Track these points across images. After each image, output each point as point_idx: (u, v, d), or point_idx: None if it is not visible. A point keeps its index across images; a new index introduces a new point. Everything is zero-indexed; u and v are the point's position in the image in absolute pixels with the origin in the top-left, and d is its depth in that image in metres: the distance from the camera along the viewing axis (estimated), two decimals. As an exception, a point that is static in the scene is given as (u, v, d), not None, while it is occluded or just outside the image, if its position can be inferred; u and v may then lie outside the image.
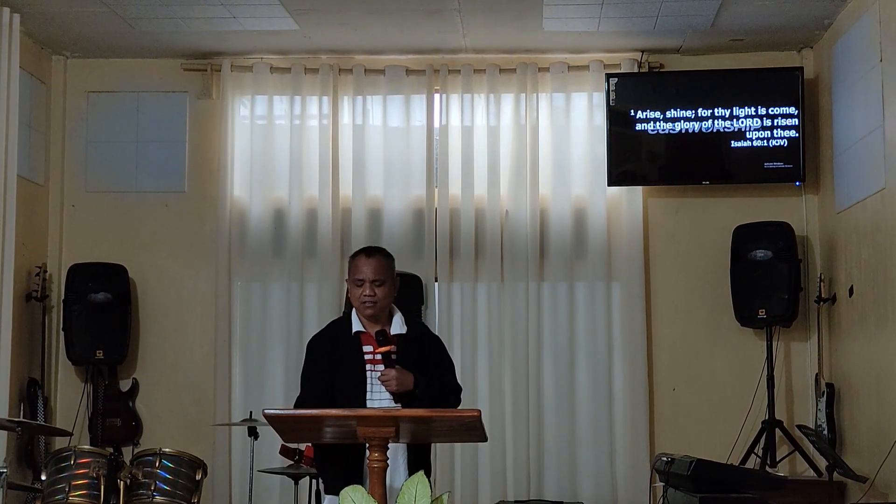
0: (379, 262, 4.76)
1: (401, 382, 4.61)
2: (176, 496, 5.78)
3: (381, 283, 4.72)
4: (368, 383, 4.67)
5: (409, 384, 4.62)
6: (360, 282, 4.72)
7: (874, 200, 6.49)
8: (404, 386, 4.61)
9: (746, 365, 7.58)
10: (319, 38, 7.61)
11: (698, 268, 7.80)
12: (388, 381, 4.61)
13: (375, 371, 4.67)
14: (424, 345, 4.83)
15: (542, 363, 7.66)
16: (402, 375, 4.62)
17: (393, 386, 4.60)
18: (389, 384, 4.61)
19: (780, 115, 7.57)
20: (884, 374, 6.38)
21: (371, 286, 4.71)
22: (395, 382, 4.60)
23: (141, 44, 7.72)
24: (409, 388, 4.62)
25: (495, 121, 7.84)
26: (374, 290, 4.71)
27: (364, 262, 4.75)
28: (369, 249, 4.86)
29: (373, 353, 4.70)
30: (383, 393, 4.65)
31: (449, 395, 4.78)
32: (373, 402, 4.65)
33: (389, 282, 4.76)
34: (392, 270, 4.81)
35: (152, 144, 8.05)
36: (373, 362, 4.70)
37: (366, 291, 4.71)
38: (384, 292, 4.73)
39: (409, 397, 4.61)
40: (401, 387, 4.61)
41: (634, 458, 7.54)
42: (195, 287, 7.95)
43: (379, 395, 4.65)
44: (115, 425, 7.67)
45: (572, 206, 7.78)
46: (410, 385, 4.63)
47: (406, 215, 7.81)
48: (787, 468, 7.43)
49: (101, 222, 8.00)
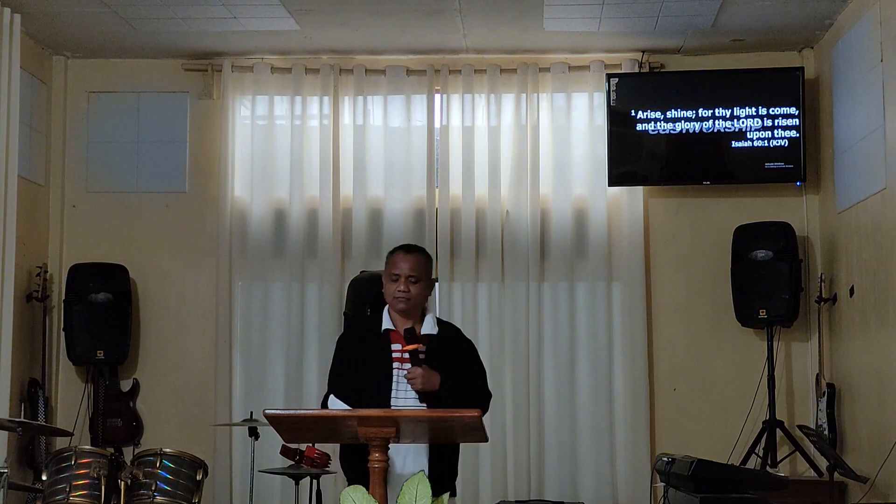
0: (417, 259, 4.78)
1: (426, 381, 4.58)
2: (177, 496, 5.78)
3: (417, 280, 4.73)
4: (394, 381, 4.65)
5: (434, 384, 4.59)
6: (396, 276, 4.73)
7: (875, 200, 6.49)
8: (430, 385, 4.58)
9: (747, 365, 7.58)
10: (320, 38, 7.61)
11: (699, 268, 7.80)
12: (414, 379, 4.58)
13: (402, 369, 4.65)
14: (455, 347, 4.81)
15: (542, 363, 7.66)
16: (428, 374, 4.59)
17: (418, 384, 4.58)
18: (414, 382, 4.58)
19: (781, 116, 7.57)
20: (884, 374, 6.38)
21: (406, 282, 4.71)
22: (420, 381, 4.57)
23: (142, 44, 7.73)
24: (435, 387, 4.59)
25: (496, 121, 7.84)
26: (409, 286, 4.71)
27: (402, 257, 4.77)
28: (409, 246, 4.88)
29: (401, 352, 4.68)
30: (409, 392, 4.62)
31: (476, 399, 4.71)
32: (398, 400, 4.63)
33: (425, 280, 4.78)
34: (429, 270, 4.83)
35: (153, 145, 8.06)
36: (400, 360, 4.68)
37: (400, 286, 4.71)
38: (418, 290, 4.74)
39: (434, 397, 4.58)
40: (426, 386, 4.58)
41: (635, 458, 7.54)
42: (196, 287, 7.95)
43: (404, 394, 4.63)
44: (116, 425, 7.67)
45: (573, 206, 7.78)
46: (436, 385, 4.59)
47: (407, 215, 7.81)
48: (787, 468, 7.43)
49: (101, 222, 8.00)
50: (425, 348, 4.67)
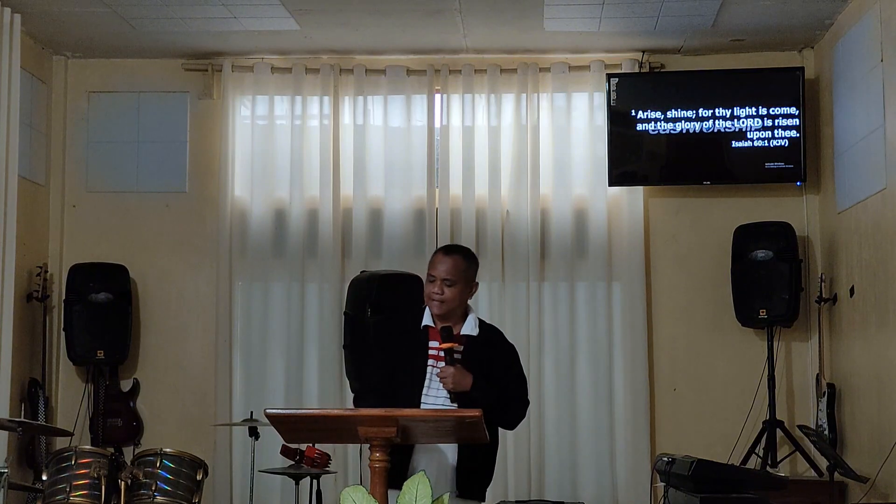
0: (455, 261, 4.69)
1: (457, 382, 4.53)
2: (177, 496, 5.77)
3: (452, 283, 4.64)
4: (428, 378, 4.62)
5: (465, 385, 4.54)
6: (433, 278, 4.67)
7: (875, 200, 6.49)
8: (460, 386, 4.54)
9: (747, 365, 7.58)
10: (320, 38, 7.61)
11: (699, 268, 7.80)
12: (445, 377, 4.54)
13: (437, 367, 4.61)
14: (495, 351, 4.75)
15: (542, 363, 7.66)
16: (460, 374, 4.54)
17: (449, 384, 4.53)
18: (446, 381, 4.54)
19: (781, 116, 7.57)
20: (884, 375, 6.38)
21: (441, 284, 4.64)
22: (452, 380, 4.53)
23: (142, 44, 7.73)
24: (466, 388, 4.54)
25: (496, 121, 7.84)
26: (444, 288, 4.64)
27: (440, 259, 4.71)
28: (449, 248, 4.84)
29: (437, 349, 4.64)
30: (440, 390, 4.58)
31: (511, 404, 4.69)
32: (428, 397, 4.60)
33: (462, 283, 4.68)
34: (468, 273, 4.73)
35: (153, 144, 8.05)
36: (436, 358, 4.64)
37: (435, 289, 4.65)
38: (453, 293, 4.65)
39: (466, 399, 4.52)
40: (457, 386, 4.53)
41: (635, 458, 7.54)
42: (196, 287, 7.95)
43: (436, 392, 4.60)
44: (116, 425, 7.67)
45: (573, 206, 7.78)
46: (467, 386, 4.54)
47: (407, 215, 7.81)
48: (787, 468, 7.43)
49: (102, 222, 8.00)
50: (462, 349, 4.63)
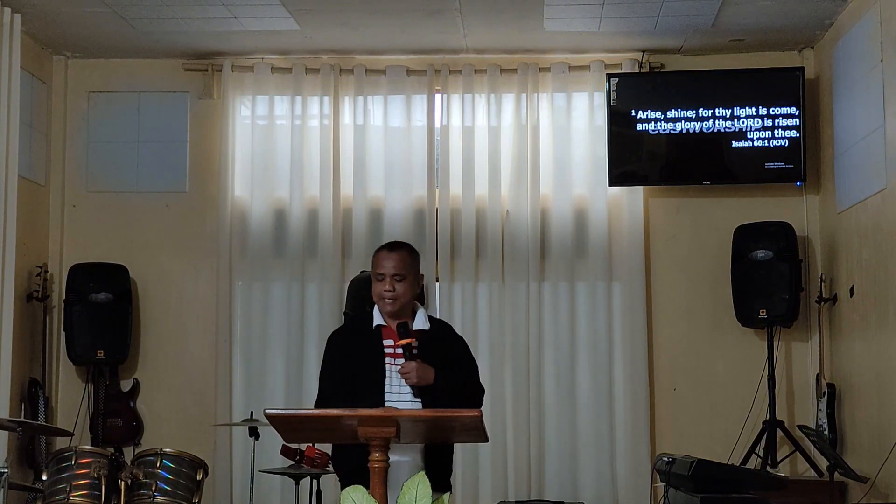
0: (401, 256, 4.71)
1: (421, 376, 4.55)
2: (177, 496, 5.78)
3: (402, 278, 4.67)
4: (387, 377, 4.62)
5: (429, 378, 4.57)
6: (381, 276, 4.68)
7: (875, 200, 6.49)
8: (424, 380, 4.56)
9: (747, 365, 7.58)
10: (320, 38, 7.61)
11: (699, 268, 7.80)
12: (408, 373, 4.56)
13: (395, 365, 4.62)
14: (448, 343, 4.78)
15: (542, 363, 7.66)
16: (423, 369, 4.56)
17: (413, 379, 4.55)
18: (409, 377, 4.56)
19: (781, 116, 7.57)
20: (884, 374, 6.38)
21: (391, 281, 4.66)
22: (415, 375, 4.54)
23: (142, 44, 7.73)
24: (430, 381, 4.56)
25: (496, 121, 7.84)
26: (394, 284, 4.66)
27: (385, 256, 4.71)
28: (392, 244, 4.82)
29: (393, 347, 4.65)
30: (403, 387, 4.59)
31: (471, 394, 4.72)
32: (392, 395, 4.60)
33: (411, 277, 4.71)
34: (415, 266, 4.77)
35: (153, 144, 8.06)
36: (393, 356, 4.65)
37: (385, 286, 4.66)
38: (404, 288, 4.68)
39: (429, 392, 4.55)
40: (421, 380, 4.55)
41: (635, 458, 7.54)
42: (196, 287, 7.95)
43: (398, 390, 4.60)
44: (116, 425, 7.67)
45: (573, 206, 7.78)
46: (431, 379, 4.57)
47: (407, 215, 7.81)
48: (787, 468, 7.43)
49: (102, 222, 8.00)
50: (417, 343, 4.64)
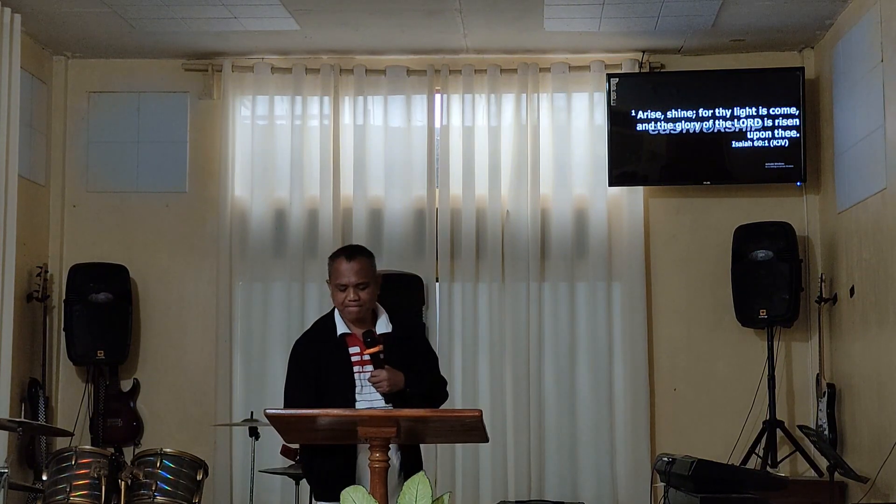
0: (361, 263, 4.62)
1: (392, 383, 4.53)
2: (177, 496, 5.78)
3: (365, 285, 4.60)
4: (357, 385, 4.60)
5: (400, 384, 4.55)
6: (344, 286, 4.59)
7: (875, 200, 6.49)
8: (396, 386, 4.54)
9: (747, 365, 7.58)
10: (320, 38, 7.61)
11: (699, 268, 7.80)
12: (380, 382, 4.53)
13: (364, 373, 4.59)
14: (411, 341, 4.76)
15: (542, 363, 7.66)
16: (393, 375, 4.55)
17: (385, 387, 4.53)
18: (381, 385, 4.53)
19: (781, 116, 7.57)
20: (885, 375, 6.38)
21: (355, 290, 4.59)
22: (387, 383, 4.53)
23: (142, 44, 7.73)
24: (401, 387, 4.55)
25: (496, 121, 7.84)
26: (358, 293, 4.59)
27: (346, 265, 4.61)
28: (349, 251, 4.70)
29: (360, 355, 4.62)
30: (373, 394, 4.57)
31: (437, 389, 4.73)
32: (362, 403, 4.57)
33: (373, 282, 4.64)
34: (374, 269, 4.70)
35: (153, 144, 8.06)
36: (361, 363, 4.61)
37: (350, 296, 4.58)
38: (368, 294, 4.62)
39: (400, 396, 4.55)
40: (393, 387, 4.54)
41: (635, 458, 7.54)
42: (196, 287, 7.95)
43: (369, 397, 4.58)
44: (116, 425, 7.68)
45: (573, 206, 7.78)
46: (402, 384, 4.55)
47: (407, 215, 7.81)
48: (788, 468, 7.43)
49: (102, 222, 8.01)
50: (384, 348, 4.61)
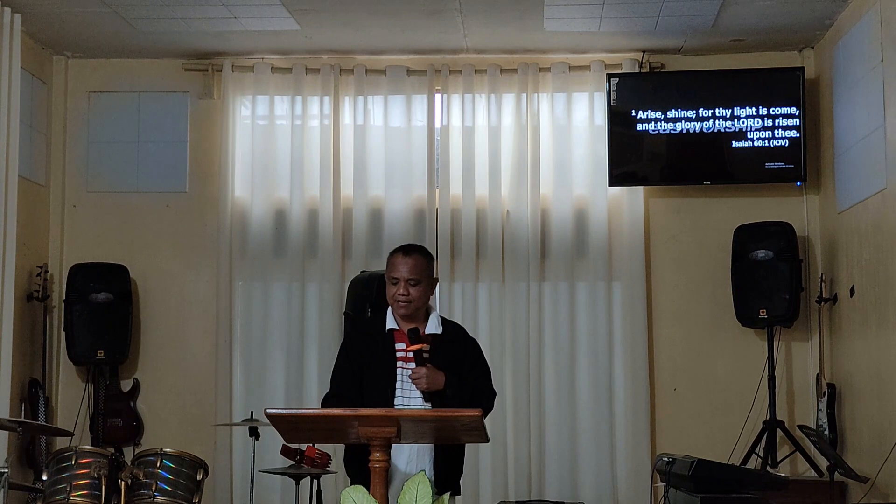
0: (416, 260, 4.73)
1: (431, 381, 4.57)
2: (177, 496, 5.77)
3: (417, 282, 4.70)
4: (398, 381, 4.65)
5: (439, 383, 4.59)
6: (396, 280, 4.70)
7: (875, 200, 6.50)
8: (434, 385, 4.58)
9: (747, 365, 7.59)
10: (320, 38, 7.61)
11: (699, 268, 7.80)
12: (419, 379, 4.58)
13: (406, 369, 4.64)
14: (459, 347, 4.80)
15: (543, 363, 7.66)
16: (433, 374, 4.59)
17: (423, 384, 4.57)
18: (419, 382, 4.58)
19: (782, 116, 7.57)
20: (885, 375, 6.38)
21: (406, 285, 4.68)
22: (426, 381, 4.57)
23: (142, 44, 7.73)
24: (440, 387, 4.59)
25: (496, 121, 7.85)
26: (409, 289, 4.68)
27: (401, 260, 4.73)
28: (407, 248, 4.83)
29: (405, 351, 4.67)
30: (413, 391, 4.62)
31: (482, 398, 4.72)
32: (402, 399, 4.62)
33: (426, 281, 4.74)
34: (430, 270, 4.79)
35: (153, 145, 8.06)
36: (404, 360, 4.67)
37: (400, 290, 4.69)
38: (419, 292, 4.71)
39: (439, 397, 4.58)
40: (431, 385, 4.57)
41: (635, 458, 7.54)
42: (196, 287, 7.95)
43: (408, 394, 4.63)
44: (117, 425, 7.67)
45: (573, 206, 7.78)
46: (441, 384, 4.59)
47: (407, 215, 7.81)
48: (788, 468, 7.43)
49: (102, 222, 8.01)
50: (429, 348, 4.66)
